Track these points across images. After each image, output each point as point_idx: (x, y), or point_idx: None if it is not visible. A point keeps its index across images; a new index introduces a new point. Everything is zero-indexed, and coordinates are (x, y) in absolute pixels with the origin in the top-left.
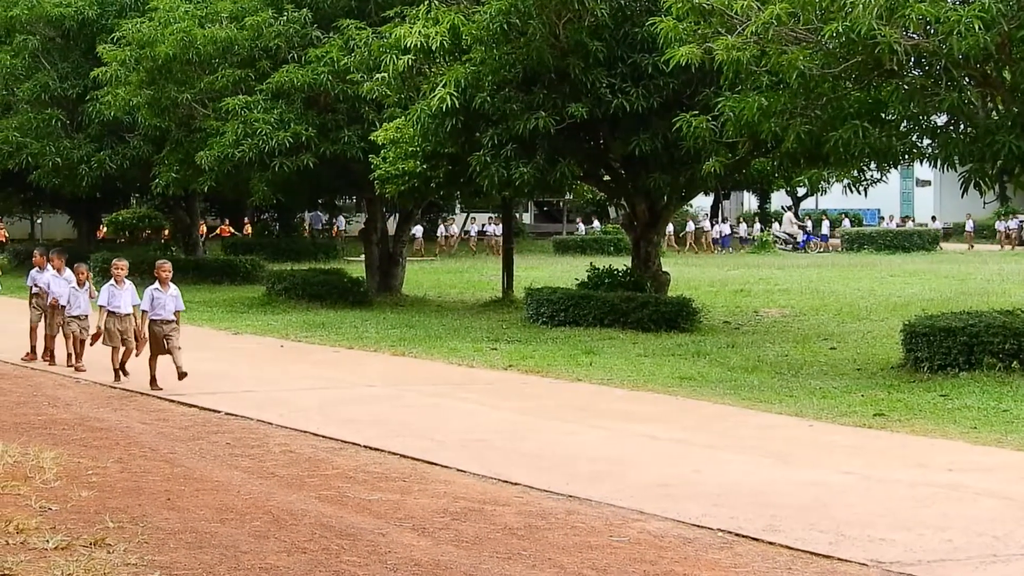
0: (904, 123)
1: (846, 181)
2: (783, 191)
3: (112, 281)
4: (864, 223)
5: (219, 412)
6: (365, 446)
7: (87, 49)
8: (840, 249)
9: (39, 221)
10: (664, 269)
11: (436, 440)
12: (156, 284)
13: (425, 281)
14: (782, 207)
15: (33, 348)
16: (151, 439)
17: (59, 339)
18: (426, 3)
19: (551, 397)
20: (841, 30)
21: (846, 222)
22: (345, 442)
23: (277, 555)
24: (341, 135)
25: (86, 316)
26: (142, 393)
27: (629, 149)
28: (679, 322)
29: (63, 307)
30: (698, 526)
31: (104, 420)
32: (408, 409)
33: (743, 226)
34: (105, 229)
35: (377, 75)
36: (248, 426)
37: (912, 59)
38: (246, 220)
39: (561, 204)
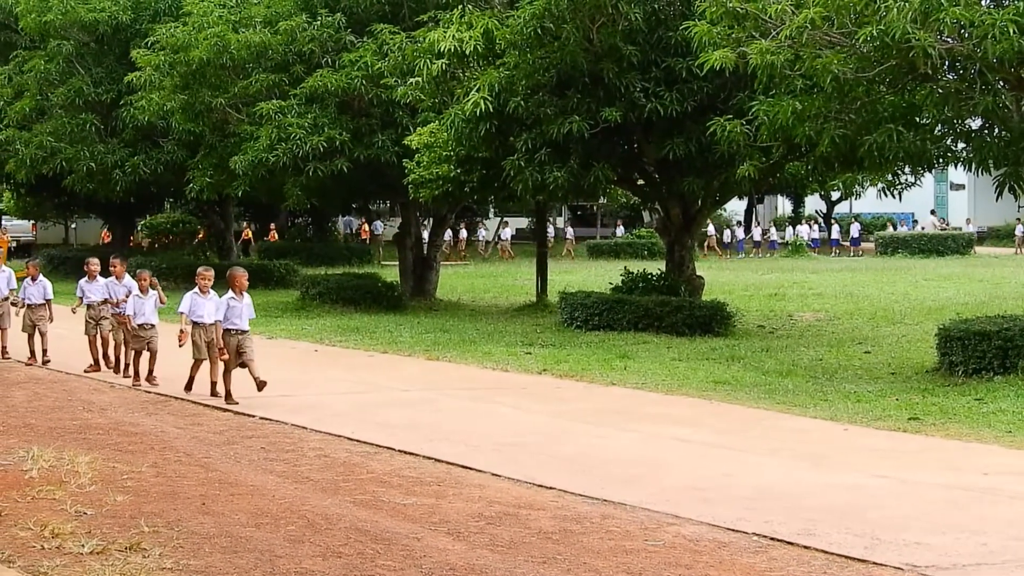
0: (938, 127)
1: (880, 185)
2: (817, 195)
3: (196, 290)
4: (900, 227)
5: (253, 416)
6: (400, 450)
7: (121, 54)
8: (867, 253)
9: (73, 226)
10: (698, 273)
11: (470, 444)
12: (231, 292)
13: (459, 285)
14: (789, 212)
15: (96, 360)
16: (186, 443)
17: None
18: (460, 7)
19: (585, 401)
20: (875, 34)
21: (890, 227)
22: (380, 446)
23: (312, 559)
24: (375, 139)
25: (153, 325)
26: (176, 397)
27: (663, 153)
28: (713, 326)
29: (126, 316)
30: (733, 530)
31: (139, 425)
32: (442, 413)
33: (774, 230)
34: (141, 233)
35: (411, 79)
36: (282, 430)
37: (946, 63)
38: (272, 225)
39: (595, 208)
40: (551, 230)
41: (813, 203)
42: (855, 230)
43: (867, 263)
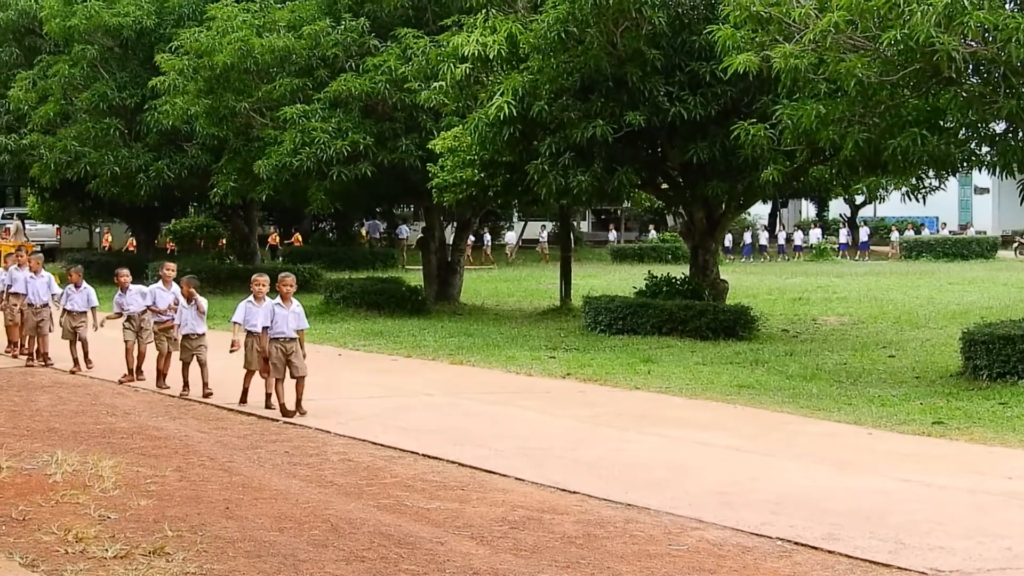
0: (962, 131)
1: (904, 189)
2: (841, 199)
3: (251, 297)
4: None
5: (277, 421)
6: (423, 454)
7: (145, 58)
8: (898, 257)
9: (98, 230)
10: (722, 277)
11: (494, 448)
12: (277, 299)
13: (483, 289)
14: (814, 216)
15: (131, 370)
16: (209, 448)
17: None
18: (483, 12)
19: (609, 405)
20: (899, 38)
21: (910, 231)
22: (403, 450)
23: (336, 564)
24: (399, 143)
25: (201, 334)
26: (200, 402)
27: (687, 157)
28: (737, 330)
29: (173, 324)
30: (757, 535)
31: (162, 429)
32: (466, 417)
33: (799, 233)
34: (166, 238)
35: (435, 84)
36: (306, 434)
37: (970, 66)
38: (295, 229)
39: (618, 212)
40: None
41: (837, 207)
42: (864, 234)
43: (891, 267)
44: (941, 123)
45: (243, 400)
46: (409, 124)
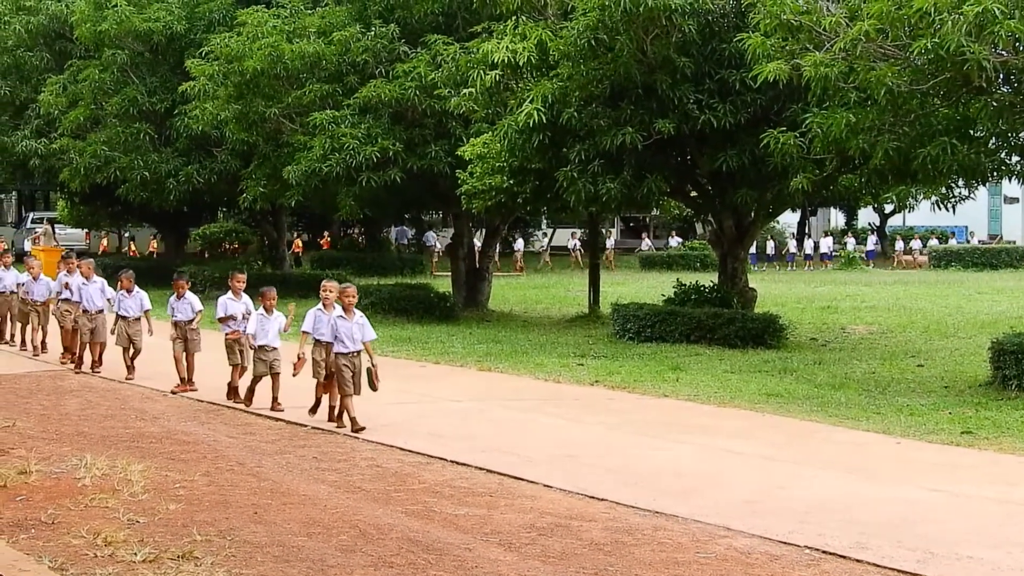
0: (992, 140)
1: (934, 198)
2: (871, 208)
3: (320, 306)
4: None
5: (305, 426)
6: (452, 461)
7: (175, 63)
8: (925, 265)
9: (127, 235)
10: (751, 285)
11: (522, 455)
12: (339, 311)
13: (511, 296)
14: (842, 224)
15: (182, 379)
16: (238, 452)
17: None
18: (513, 19)
19: (637, 413)
20: (930, 47)
21: (933, 240)
22: (431, 456)
23: (364, 569)
24: (428, 150)
25: (275, 348)
26: (228, 407)
27: (716, 165)
28: (766, 339)
29: (245, 335)
30: (785, 543)
31: (191, 433)
32: (494, 424)
33: (825, 240)
34: (195, 243)
35: (464, 90)
36: (334, 440)
37: (1001, 76)
38: (325, 234)
39: (647, 220)
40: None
41: (866, 215)
42: (871, 242)
43: (920, 276)
44: (971, 132)
45: (313, 411)
46: (438, 130)
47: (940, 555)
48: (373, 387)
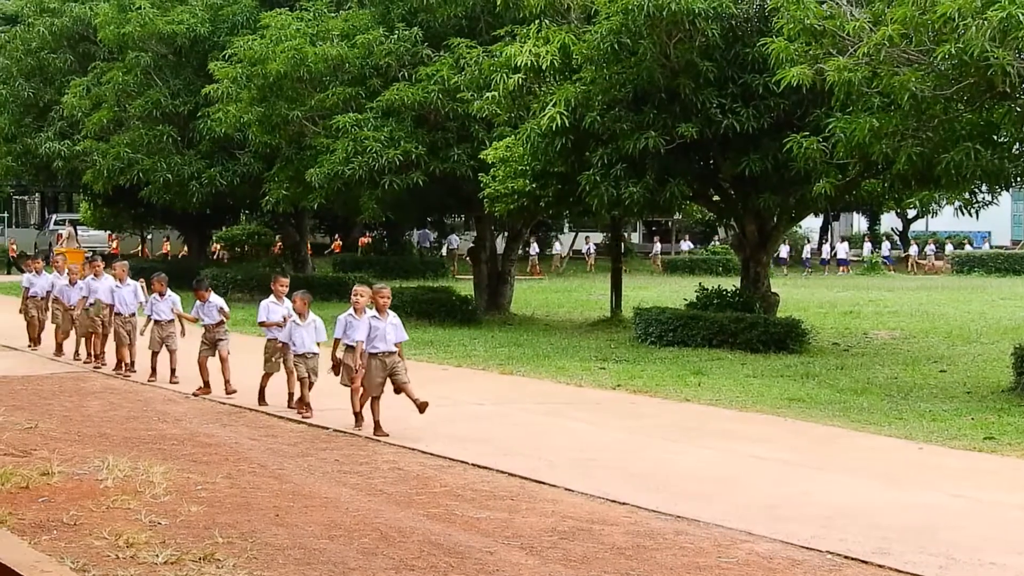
0: (1016, 145)
1: (957, 203)
2: (894, 213)
3: (351, 310)
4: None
5: (327, 429)
6: (473, 464)
7: (199, 66)
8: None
9: (149, 237)
10: (773, 290)
11: (544, 459)
12: (374, 311)
13: (533, 300)
14: (865, 230)
15: (206, 383)
16: (260, 455)
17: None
18: (536, 22)
19: (659, 417)
20: (954, 52)
21: (949, 246)
22: (453, 460)
23: (385, 572)
24: (451, 153)
25: (314, 355)
26: (251, 409)
27: (739, 169)
28: (788, 343)
29: (282, 343)
30: (807, 548)
31: (213, 436)
32: (516, 427)
33: (842, 245)
34: (217, 245)
35: (487, 93)
36: (356, 443)
37: None
38: (366, 234)
39: (670, 223)
40: (588, 246)
41: (889, 220)
42: (886, 248)
43: (943, 281)
44: (995, 137)
45: (359, 422)
46: (461, 134)
47: (962, 561)
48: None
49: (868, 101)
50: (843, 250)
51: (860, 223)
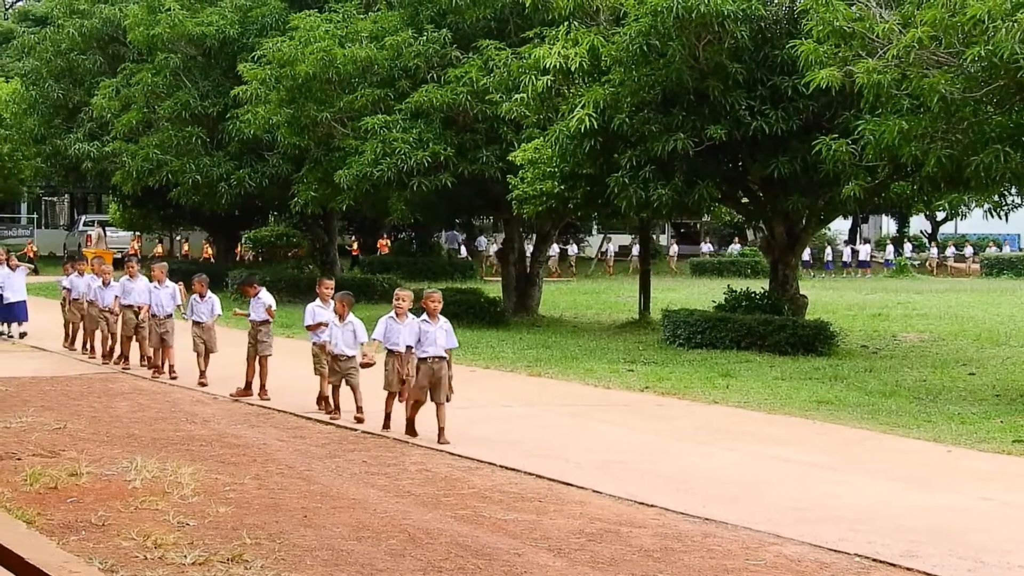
0: None
1: (987, 206)
2: (923, 215)
3: (392, 314)
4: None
5: (355, 430)
6: (501, 466)
7: (228, 68)
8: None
9: (178, 238)
10: (801, 292)
11: (572, 461)
12: (424, 316)
13: (561, 302)
14: (894, 232)
15: (248, 384)
16: (288, 456)
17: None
18: (565, 24)
19: (687, 419)
20: (983, 54)
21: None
22: (481, 461)
23: (413, 574)
24: (479, 155)
25: (351, 357)
26: (279, 411)
27: (768, 171)
28: (816, 346)
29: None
30: (835, 551)
31: (241, 437)
32: (544, 429)
33: (864, 247)
34: (245, 246)
35: (516, 95)
36: (384, 444)
37: None
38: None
39: (698, 226)
40: (610, 247)
41: (918, 223)
42: (891, 251)
43: (972, 284)
44: None
45: (386, 425)
46: (490, 135)
47: (991, 564)
48: (439, 400)
49: (897, 103)
50: (864, 252)
51: (889, 225)
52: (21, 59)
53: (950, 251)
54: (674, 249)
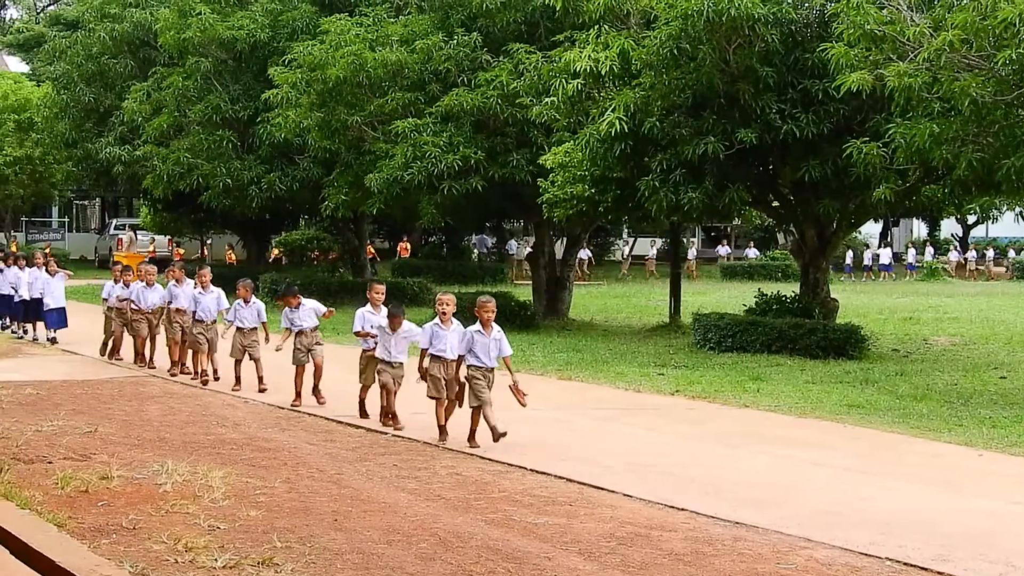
0: None
1: (1018, 209)
2: (954, 219)
3: (436, 320)
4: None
5: (386, 434)
6: (531, 469)
7: (258, 71)
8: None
9: (209, 242)
10: (832, 296)
11: (602, 464)
12: (477, 325)
13: (591, 305)
14: (925, 235)
15: (299, 393)
16: (318, 460)
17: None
18: (596, 28)
19: (718, 423)
20: (1015, 57)
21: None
22: (511, 465)
23: None
24: (510, 158)
25: (400, 363)
26: (309, 414)
27: (798, 175)
28: (847, 349)
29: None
30: (866, 555)
31: (272, 440)
32: (574, 433)
33: (885, 251)
34: (276, 250)
35: (546, 99)
36: (414, 448)
37: None
38: (401, 242)
39: (728, 229)
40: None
41: (949, 226)
42: (886, 256)
43: (1003, 287)
44: None
45: (443, 436)
46: (520, 139)
47: (1022, 568)
48: (521, 403)
49: (928, 106)
50: (886, 256)
51: (920, 228)
52: (52, 63)
53: (971, 254)
54: (692, 253)
